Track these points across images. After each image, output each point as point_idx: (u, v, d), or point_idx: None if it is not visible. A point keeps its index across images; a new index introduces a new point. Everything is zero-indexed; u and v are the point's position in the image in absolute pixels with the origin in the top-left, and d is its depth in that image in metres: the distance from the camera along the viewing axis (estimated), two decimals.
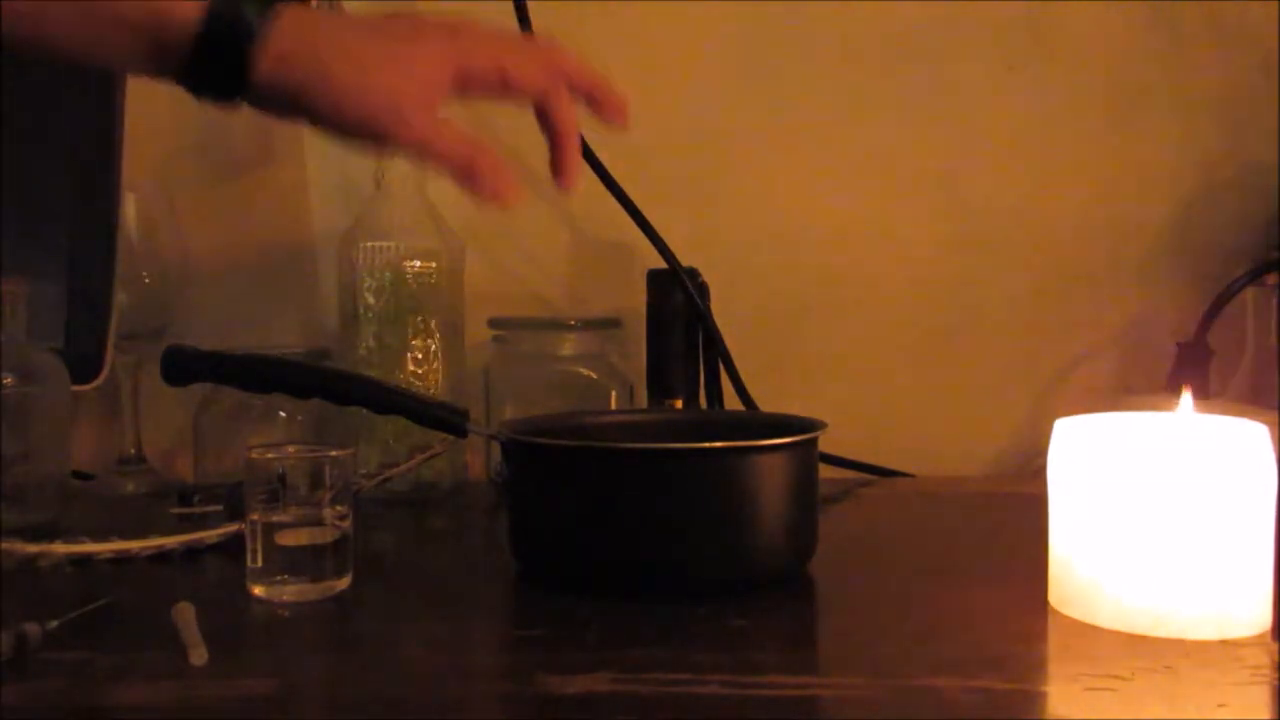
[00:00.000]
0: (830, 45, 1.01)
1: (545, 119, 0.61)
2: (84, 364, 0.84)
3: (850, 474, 0.96)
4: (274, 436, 0.87)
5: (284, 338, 1.01)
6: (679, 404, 0.88)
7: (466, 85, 0.58)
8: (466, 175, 0.57)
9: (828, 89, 1.01)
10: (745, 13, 1.01)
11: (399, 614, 0.60)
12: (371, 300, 0.87)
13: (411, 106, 0.57)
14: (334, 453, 0.61)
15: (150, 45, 0.55)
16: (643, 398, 0.91)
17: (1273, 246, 0.93)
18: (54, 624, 0.52)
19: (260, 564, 0.59)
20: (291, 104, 0.57)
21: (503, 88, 0.59)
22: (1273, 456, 0.53)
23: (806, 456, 0.64)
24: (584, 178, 0.92)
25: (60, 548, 0.66)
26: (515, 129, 0.64)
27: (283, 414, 0.88)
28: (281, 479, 0.60)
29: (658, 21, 1.01)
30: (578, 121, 0.61)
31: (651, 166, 0.99)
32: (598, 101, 0.62)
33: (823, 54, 1.01)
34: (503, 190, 0.58)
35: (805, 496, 0.63)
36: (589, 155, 0.93)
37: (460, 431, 0.69)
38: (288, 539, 0.59)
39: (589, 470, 0.61)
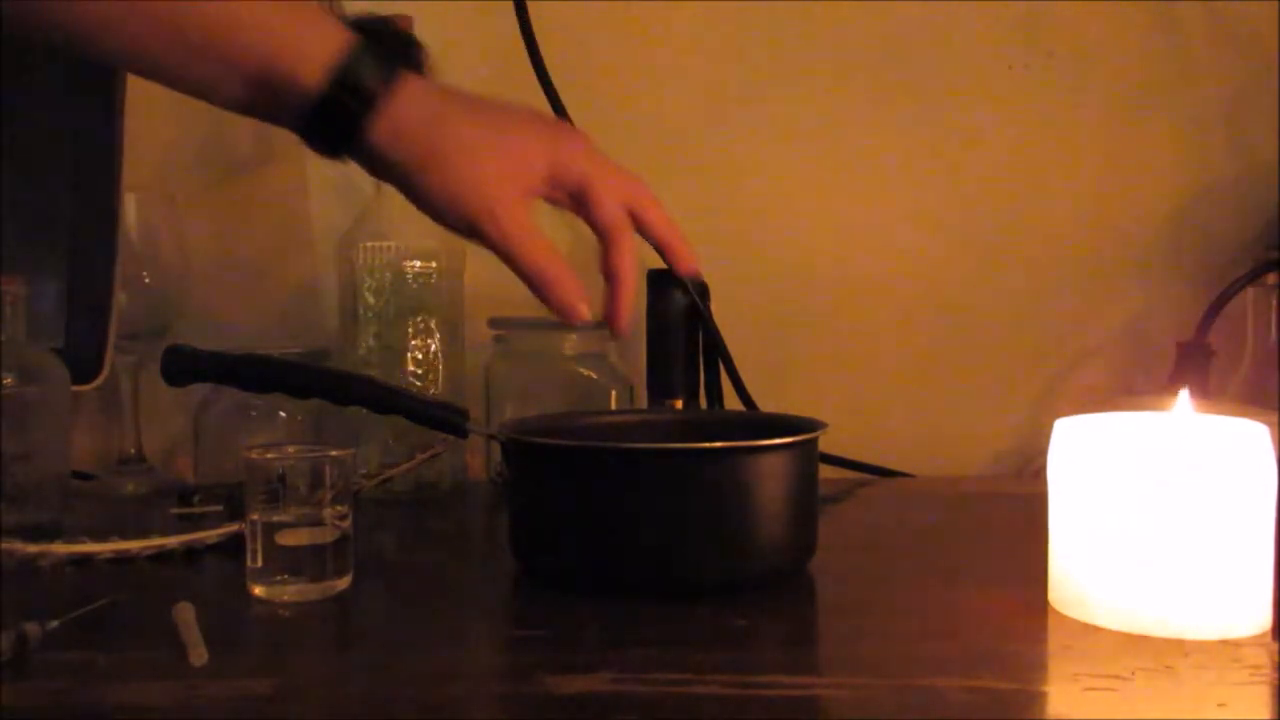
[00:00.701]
0: (830, 45, 1.01)
1: (606, 259, 0.61)
2: (84, 364, 0.84)
3: (850, 474, 0.96)
4: (274, 436, 0.87)
5: (284, 338, 1.01)
6: (679, 404, 0.88)
7: (550, 186, 0.60)
8: (538, 286, 0.59)
9: (828, 89, 1.01)
10: (745, 13, 1.01)
11: (399, 614, 0.60)
12: (371, 300, 0.87)
13: (505, 206, 0.57)
14: (334, 453, 0.61)
15: (271, 99, 0.56)
16: (643, 398, 0.91)
17: (1273, 246, 0.93)
18: (54, 624, 0.52)
19: (260, 564, 0.59)
20: (393, 175, 0.58)
21: (577, 202, 0.60)
22: (1273, 456, 0.53)
23: (806, 456, 0.64)
24: None
25: (60, 548, 0.66)
26: None
27: (283, 414, 0.88)
28: (281, 479, 0.60)
29: (658, 22, 1.01)
30: (638, 272, 0.62)
31: (652, 167, 0.99)
32: (668, 251, 0.64)
33: (823, 54, 1.01)
34: (570, 310, 0.59)
35: (805, 496, 0.63)
36: None
37: (460, 431, 0.69)
38: (288, 539, 0.59)
39: (589, 470, 0.61)
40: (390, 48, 0.58)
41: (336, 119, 0.56)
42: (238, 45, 0.55)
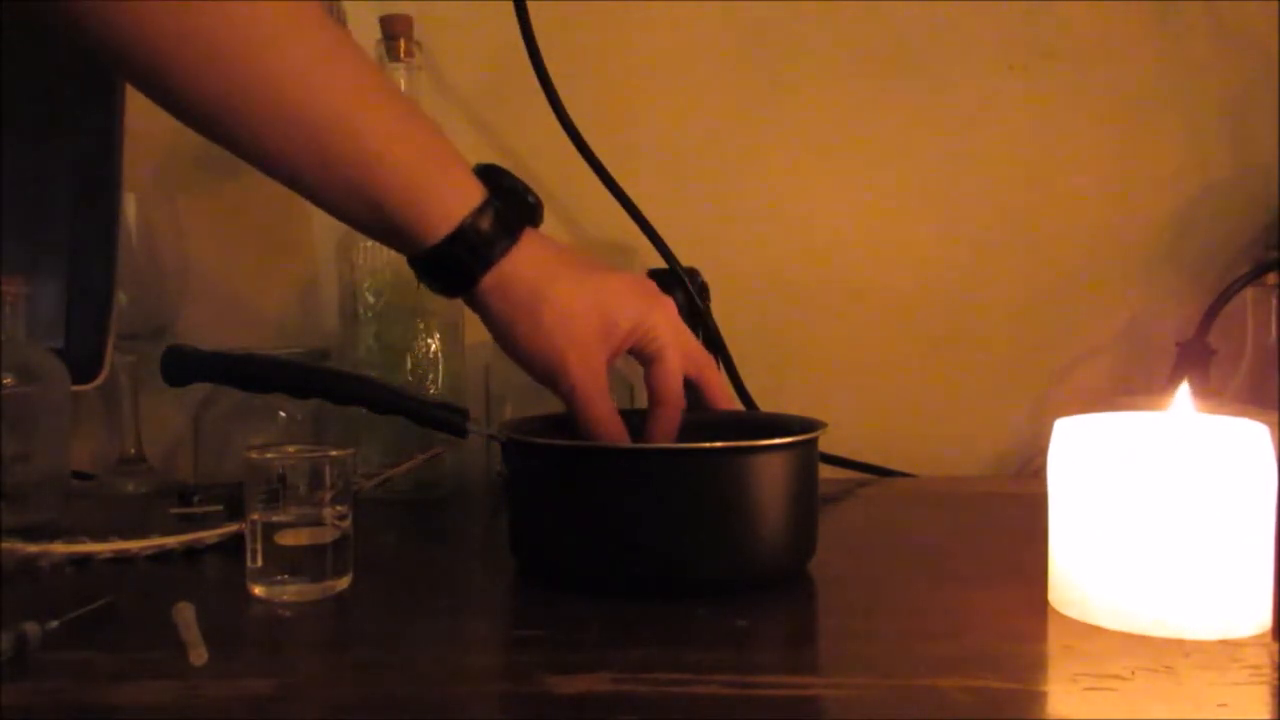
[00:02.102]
0: (830, 45, 1.01)
1: (651, 423, 0.66)
2: (84, 364, 0.84)
3: (850, 474, 0.96)
4: (274, 436, 0.87)
5: (284, 338, 1.01)
6: None
7: (628, 347, 0.64)
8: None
9: (827, 89, 1.01)
10: (745, 13, 1.01)
11: (399, 614, 0.60)
12: (371, 300, 0.87)
13: (581, 373, 0.62)
14: (334, 453, 0.61)
15: (394, 234, 0.60)
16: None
17: (1272, 246, 0.93)
18: (54, 624, 0.52)
19: (260, 564, 0.59)
20: (487, 319, 0.63)
21: (644, 363, 0.65)
22: (1273, 456, 0.53)
23: (806, 456, 0.64)
24: (584, 178, 0.93)
25: (60, 548, 0.66)
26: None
27: (283, 414, 0.88)
28: (281, 479, 0.60)
29: (658, 22, 1.01)
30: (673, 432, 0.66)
31: (652, 166, 0.99)
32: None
33: (823, 54, 1.01)
34: None
35: (805, 496, 0.63)
36: (588, 155, 0.93)
37: (460, 431, 0.69)
38: (288, 539, 0.59)
39: (589, 470, 0.61)
40: (513, 204, 0.62)
41: (451, 269, 0.61)
42: (379, 183, 0.58)
